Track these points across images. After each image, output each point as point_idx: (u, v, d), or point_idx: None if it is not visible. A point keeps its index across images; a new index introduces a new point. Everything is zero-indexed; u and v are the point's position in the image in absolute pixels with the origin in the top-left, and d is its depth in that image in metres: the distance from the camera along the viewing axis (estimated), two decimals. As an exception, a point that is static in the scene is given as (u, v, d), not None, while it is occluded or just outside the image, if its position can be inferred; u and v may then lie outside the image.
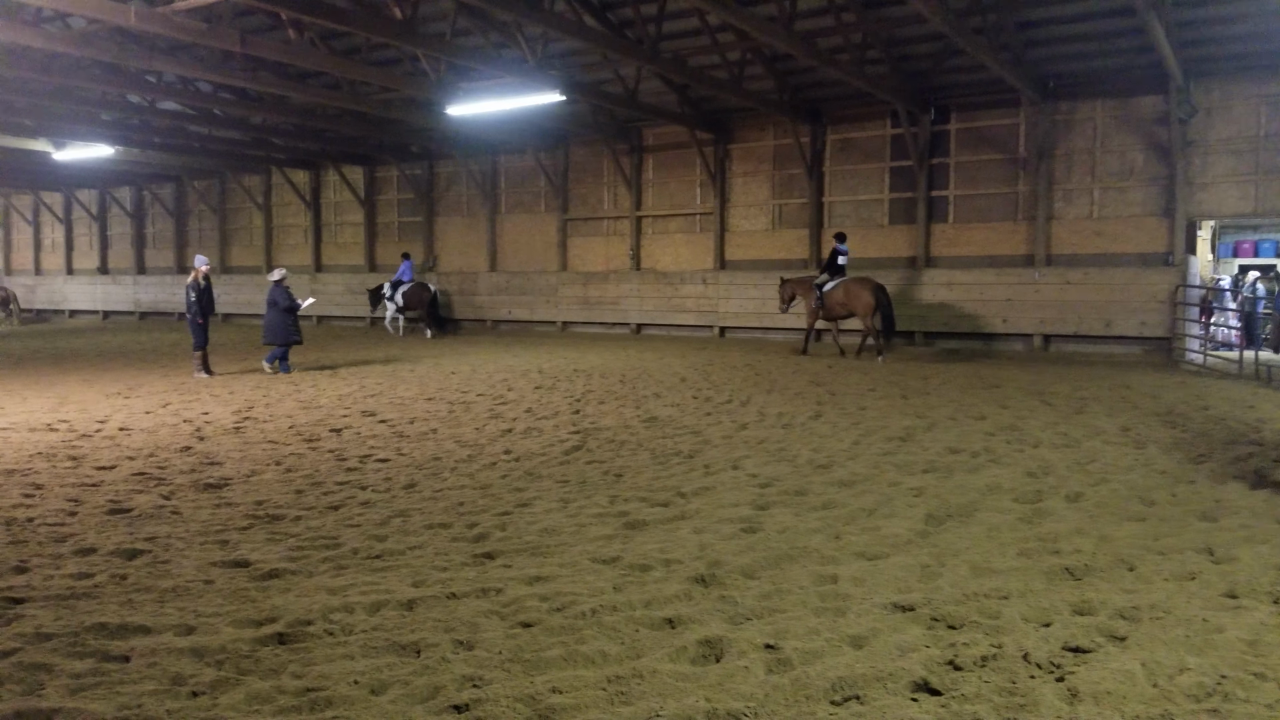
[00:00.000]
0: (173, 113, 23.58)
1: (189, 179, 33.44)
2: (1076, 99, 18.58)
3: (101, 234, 37.47)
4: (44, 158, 27.38)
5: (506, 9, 14.22)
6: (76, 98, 21.29)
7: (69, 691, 3.54)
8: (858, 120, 21.17)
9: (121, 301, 36.01)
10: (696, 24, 18.02)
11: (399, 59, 20.76)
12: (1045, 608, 4.36)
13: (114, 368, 16.32)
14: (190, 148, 27.14)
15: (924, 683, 3.59)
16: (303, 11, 14.33)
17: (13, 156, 28.23)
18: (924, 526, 5.83)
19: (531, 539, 5.62)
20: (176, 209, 34.84)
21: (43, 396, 12.25)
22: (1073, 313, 18.35)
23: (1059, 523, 5.88)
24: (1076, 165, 18.80)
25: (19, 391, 12.81)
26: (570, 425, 9.94)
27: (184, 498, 6.74)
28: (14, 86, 19.67)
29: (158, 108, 23.51)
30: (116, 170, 31.60)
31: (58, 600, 4.52)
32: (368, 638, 4.05)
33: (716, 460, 8.01)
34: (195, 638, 4.05)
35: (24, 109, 22.19)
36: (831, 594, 4.58)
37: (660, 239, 24.36)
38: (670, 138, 23.75)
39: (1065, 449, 8.45)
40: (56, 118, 23.07)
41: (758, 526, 5.85)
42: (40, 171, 31.96)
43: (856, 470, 7.54)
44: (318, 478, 7.42)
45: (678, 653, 3.88)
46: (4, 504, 6.47)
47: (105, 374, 15.21)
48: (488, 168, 26.97)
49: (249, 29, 18.45)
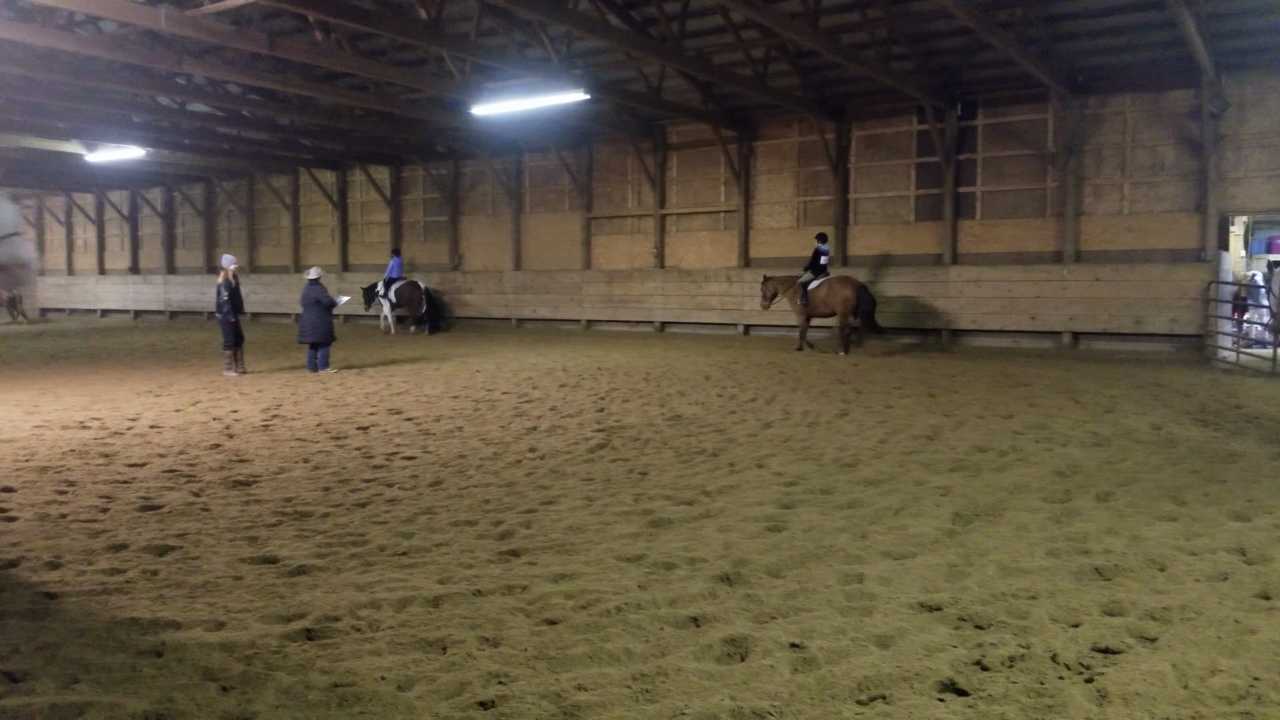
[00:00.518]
0: (202, 114, 23.84)
1: (218, 180, 33.80)
2: (1106, 93, 18.35)
3: (132, 234, 37.97)
4: (76, 159, 27.76)
5: (530, 9, 14.25)
6: (108, 100, 21.58)
7: (102, 686, 3.59)
8: (883, 116, 21.03)
9: (152, 301, 36.46)
10: (720, 21, 17.98)
11: (425, 59, 20.87)
12: (1074, 608, 4.32)
13: (145, 366, 16.54)
14: (219, 149, 27.43)
15: (951, 683, 3.57)
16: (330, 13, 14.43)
17: (46, 159, 28.66)
18: (951, 526, 5.78)
19: (556, 536, 5.64)
20: (206, 209, 35.22)
21: (76, 394, 12.44)
22: (1103, 310, 18.13)
23: (1088, 522, 5.82)
24: (1106, 160, 18.58)
25: (53, 390, 13.01)
26: (595, 423, 9.96)
27: (214, 494, 6.82)
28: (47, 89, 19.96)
29: (187, 109, 23.79)
30: (147, 171, 31.99)
31: (90, 595, 4.59)
32: (394, 634, 4.08)
33: (741, 458, 8.00)
34: (225, 633, 4.10)
35: (57, 112, 22.51)
36: (857, 593, 4.56)
37: (684, 237, 24.34)
38: (694, 135, 23.71)
39: (1095, 448, 8.36)
40: (88, 120, 23.40)
41: (783, 525, 5.83)
42: (73, 173, 32.42)
43: (883, 469, 7.50)
44: (345, 475, 7.48)
45: (702, 651, 3.88)
46: (38, 500, 6.58)
47: (136, 372, 15.41)
48: (512, 167, 27.05)
49: (277, 31, 18.61)
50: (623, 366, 15.82)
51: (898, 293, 20.33)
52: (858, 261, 21.27)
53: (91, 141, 25.42)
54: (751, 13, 14.00)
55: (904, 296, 20.28)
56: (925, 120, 19.83)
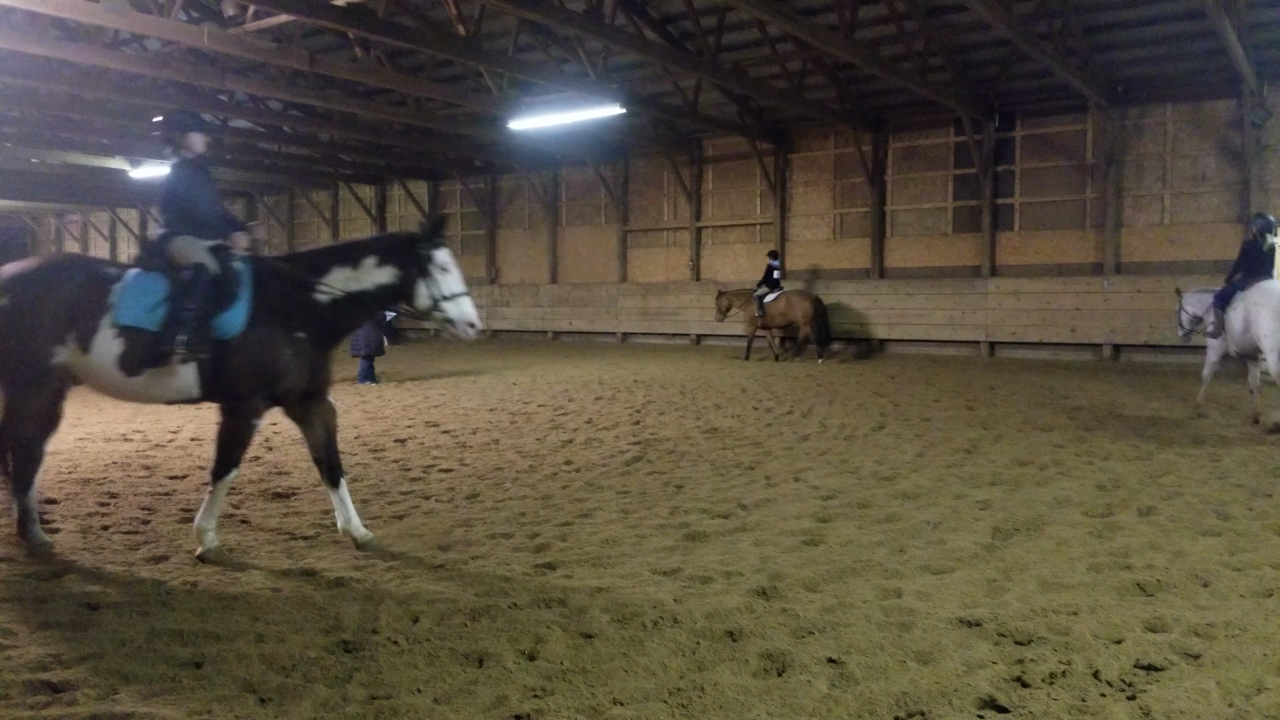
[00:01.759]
0: (244, 130, 24.30)
1: (259, 195, 34.37)
2: (1146, 103, 18.13)
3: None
4: (121, 176, 28.40)
5: (568, 24, 14.38)
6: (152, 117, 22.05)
7: (142, 696, 3.63)
8: (921, 128, 20.92)
9: (195, 315, 36.99)
10: (756, 35, 18.01)
11: (463, 75, 21.10)
12: (1116, 624, 4.24)
13: (187, 379, 16.76)
14: (260, 164, 27.91)
15: (991, 700, 3.51)
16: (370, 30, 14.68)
17: (92, 175, 29.33)
18: (991, 540, 5.71)
19: (593, 550, 5.64)
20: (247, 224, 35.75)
21: (118, 407, 12.65)
22: (1144, 322, 17.83)
23: (1131, 537, 5.71)
24: (1147, 171, 18.33)
25: (95, 403, 13.25)
26: (630, 436, 9.96)
27: (253, 506, 6.91)
28: (93, 107, 20.47)
29: (229, 126, 24.24)
30: (190, 187, 32.53)
31: (131, 606, 4.65)
32: (432, 646, 4.10)
33: (778, 472, 7.95)
34: (264, 645, 4.13)
35: (102, 128, 23.06)
36: (896, 608, 4.51)
37: (720, 249, 24.33)
38: (730, 148, 23.73)
39: (1137, 461, 8.21)
40: (133, 137, 23.94)
41: (820, 539, 5.79)
42: (117, 189, 33.11)
43: (921, 482, 7.42)
44: (383, 487, 7.54)
45: (740, 666, 3.85)
46: (81, 512, 6.70)
47: (179, 385, 15.63)
48: (549, 181, 27.23)
49: (317, 48, 18.92)
50: (658, 379, 15.82)
51: (935, 305, 20.15)
52: (895, 274, 21.14)
53: (136, 158, 25.99)
54: (788, 26, 14.02)
55: (941, 309, 20.10)
56: (963, 132, 19.69)
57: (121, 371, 5.27)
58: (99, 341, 5.24)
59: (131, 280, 5.34)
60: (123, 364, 5.26)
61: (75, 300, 5.23)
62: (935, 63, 18.12)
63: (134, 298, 5.27)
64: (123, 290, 5.28)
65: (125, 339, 5.24)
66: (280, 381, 5.46)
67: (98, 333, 5.23)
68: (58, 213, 42.30)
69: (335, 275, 5.50)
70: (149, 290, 5.30)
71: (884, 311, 20.73)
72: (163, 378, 5.31)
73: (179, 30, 14.13)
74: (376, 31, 14.79)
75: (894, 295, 20.58)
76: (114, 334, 5.24)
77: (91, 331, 5.23)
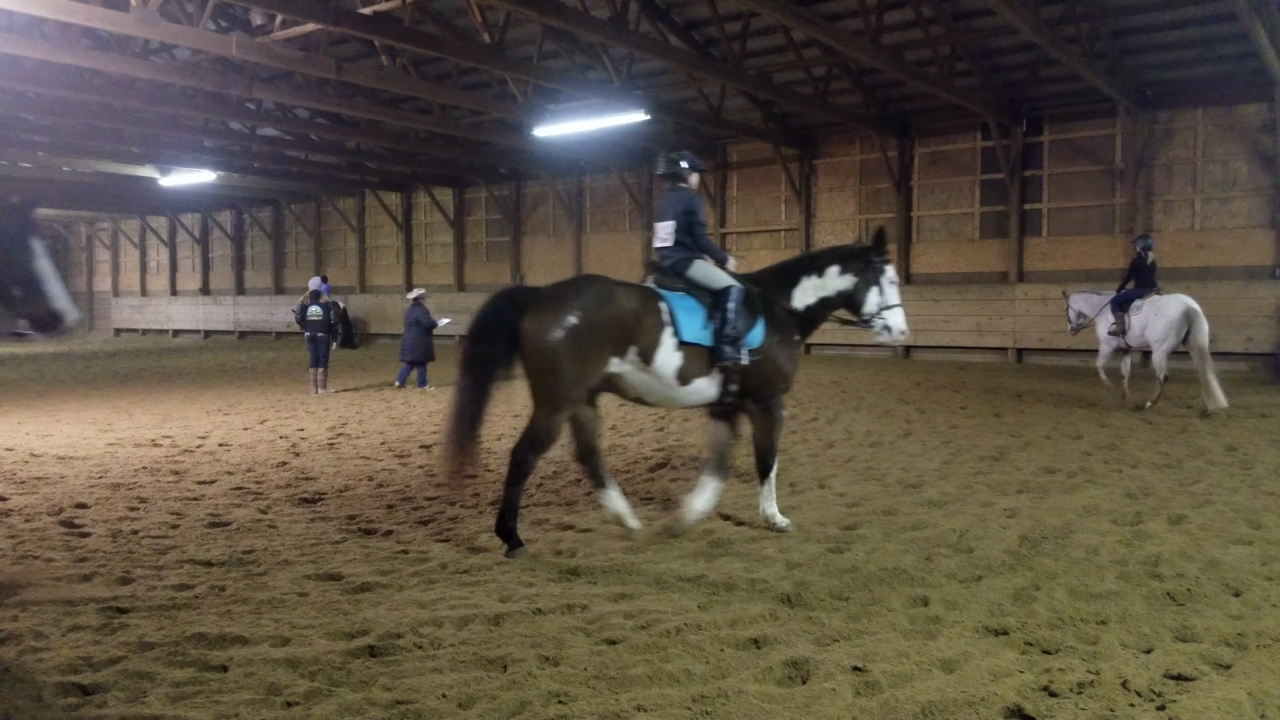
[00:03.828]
0: (271, 138, 24.54)
1: (286, 202, 34.71)
2: (1176, 108, 17.92)
3: (203, 256, 39.14)
4: (151, 184, 28.80)
5: (593, 31, 14.43)
6: (181, 126, 22.34)
7: (170, 699, 3.67)
8: (947, 133, 20.79)
9: (222, 321, 37.48)
10: (781, 41, 17.98)
11: (488, 82, 21.22)
12: (1146, 633, 4.18)
13: (214, 385, 16.98)
14: (288, 172, 28.19)
15: (1018, 709, 3.47)
16: (395, 38, 14.78)
17: (122, 183, 29.77)
18: (1018, 549, 5.64)
19: (616, 556, 5.63)
20: (274, 231, 36.16)
21: (148, 413, 12.82)
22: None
23: (1160, 545, 5.63)
24: (1177, 176, 18.11)
25: (126, 409, 13.43)
26: (655, 442, 9.95)
27: (280, 511, 6.96)
28: (123, 116, 20.74)
29: (257, 134, 24.52)
30: (218, 195, 33.00)
31: (160, 610, 4.70)
32: (456, 652, 4.11)
33: (803, 478, 7.92)
34: (290, 649, 4.16)
35: (132, 137, 23.36)
36: (922, 617, 4.47)
37: (744, 255, 24.27)
38: (755, 154, 23.70)
39: (1167, 469, 8.10)
40: (162, 145, 24.25)
41: (845, 547, 5.75)
42: (147, 197, 33.57)
43: (947, 490, 7.36)
44: (408, 493, 7.58)
45: (763, 673, 3.83)
46: (111, 516, 6.77)
47: (206, 392, 15.84)
48: (573, 188, 27.31)
49: (344, 56, 19.10)
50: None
51: (962, 311, 20.00)
52: (921, 280, 21.00)
53: (165, 166, 26.33)
54: (813, 31, 13.99)
55: (968, 315, 19.94)
56: (990, 136, 19.56)
57: (678, 382, 5.90)
58: (661, 355, 5.81)
59: (676, 301, 5.98)
60: (680, 376, 5.90)
61: (635, 318, 5.75)
62: (961, 67, 18.02)
63: (686, 317, 5.91)
64: (673, 310, 5.91)
65: (684, 353, 5.87)
66: (792, 381, 6.35)
67: (660, 348, 5.80)
68: (89, 220, 42.90)
69: (806, 284, 6.38)
70: (693, 310, 5.97)
71: (910, 318, 20.47)
72: (702, 387, 6.00)
73: (208, 39, 14.30)
74: (402, 39, 14.90)
75: (920, 301, 20.42)
76: (674, 348, 5.84)
77: (654, 347, 5.78)
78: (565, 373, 5.57)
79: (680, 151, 6.44)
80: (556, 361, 5.55)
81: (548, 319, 5.57)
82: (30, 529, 6.41)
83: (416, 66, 20.44)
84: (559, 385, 5.61)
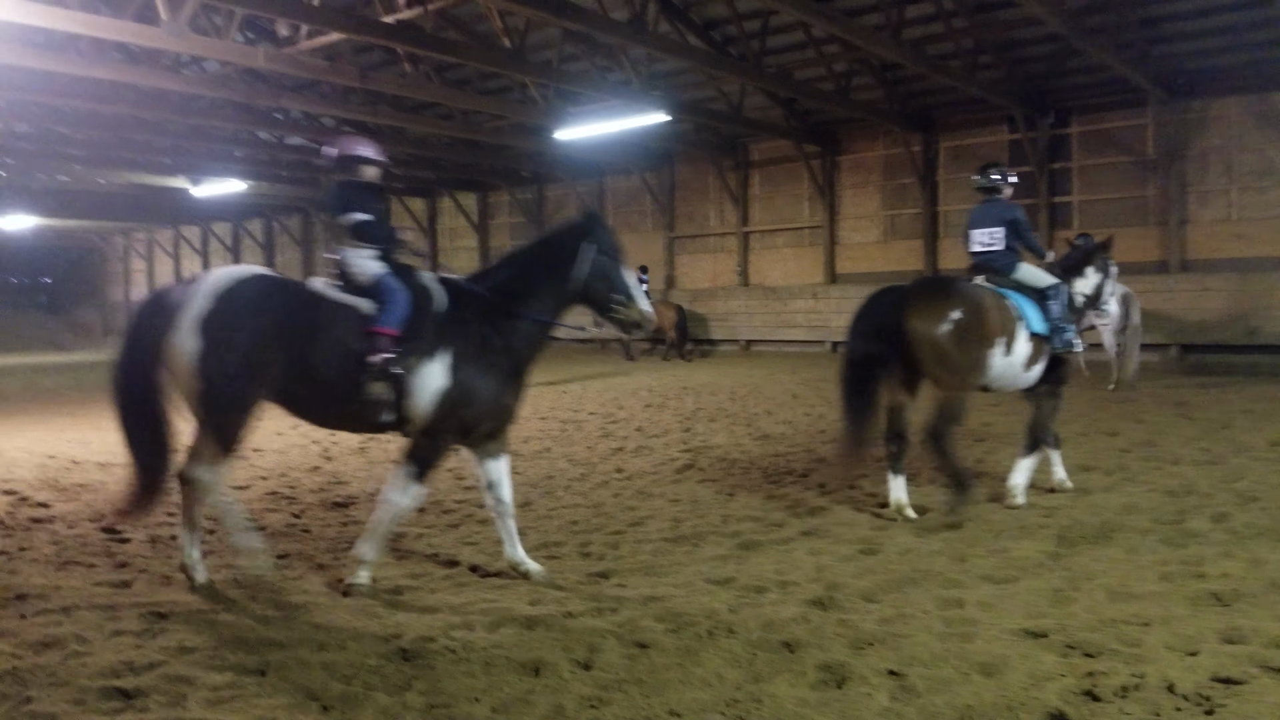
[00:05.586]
0: (298, 147, 24.77)
1: (314, 210, 35.03)
2: (1209, 96, 17.63)
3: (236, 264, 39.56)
4: (182, 194, 29.19)
5: (612, 34, 14.43)
6: (211, 136, 22.62)
7: (209, 703, 3.70)
8: (972, 127, 20.61)
9: (253, 328, 37.77)
10: (801, 37, 17.90)
11: (509, 87, 21.29)
12: (1191, 635, 4.10)
13: (247, 391, 17.10)
14: (315, 180, 28.44)
15: (1060, 714, 3.42)
16: (418, 46, 14.87)
17: (155, 194, 30.18)
18: (1055, 548, 5.56)
19: (645, 558, 5.62)
20: (303, 239, 36.50)
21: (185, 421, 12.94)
22: (1212, 321, 17.32)
23: (1204, 545, 5.53)
24: (1211, 165, 17.83)
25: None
26: (681, 443, 9.93)
27: (313, 516, 7.01)
28: (155, 128, 21.03)
29: (285, 143, 24.74)
30: (248, 204, 33.36)
31: (198, 615, 4.74)
32: (488, 655, 4.11)
33: (832, 479, 7.86)
34: (325, 653, 4.18)
35: (164, 148, 23.68)
36: (957, 619, 4.41)
37: (768, 254, 24.20)
38: (776, 151, 23.61)
39: (1208, 466, 7.96)
40: (193, 156, 24.56)
41: (877, 548, 5.70)
42: (179, 207, 34.00)
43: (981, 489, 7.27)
44: (437, 496, 7.59)
45: (797, 677, 3.80)
46: (150, 521, 6.84)
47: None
48: (595, 189, 27.34)
49: (367, 65, 19.24)
50: (708, 386, 15.76)
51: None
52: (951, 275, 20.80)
53: (196, 176, 26.66)
54: (833, 27, 13.93)
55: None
56: (1016, 129, 19.35)
57: (1025, 368, 6.74)
58: (1019, 345, 6.63)
59: (1018, 298, 6.79)
60: (1028, 362, 6.72)
61: (1002, 313, 6.59)
62: (985, 60, 17.85)
63: (1031, 311, 6.76)
64: (1019, 306, 6.72)
65: (1033, 344, 6.71)
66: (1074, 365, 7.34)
67: (1018, 338, 6.62)
68: (124, 231, 43.53)
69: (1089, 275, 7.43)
70: (1032, 306, 6.80)
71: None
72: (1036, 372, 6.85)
73: (236, 52, 14.46)
74: (425, 46, 14.99)
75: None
76: (1027, 339, 6.68)
77: (1014, 337, 6.61)
78: (957, 359, 6.36)
79: (997, 167, 7.31)
80: (946, 351, 6.34)
81: (935, 316, 6.37)
82: (73, 535, 6.49)
83: (438, 73, 20.55)
84: (953, 370, 6.41)
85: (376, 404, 5.00)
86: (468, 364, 5.03)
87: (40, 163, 24.91)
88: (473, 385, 5.02)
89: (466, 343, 5.07)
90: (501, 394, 5.15)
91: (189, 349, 4.93)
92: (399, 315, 5.01)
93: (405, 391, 4.99)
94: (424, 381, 4.98)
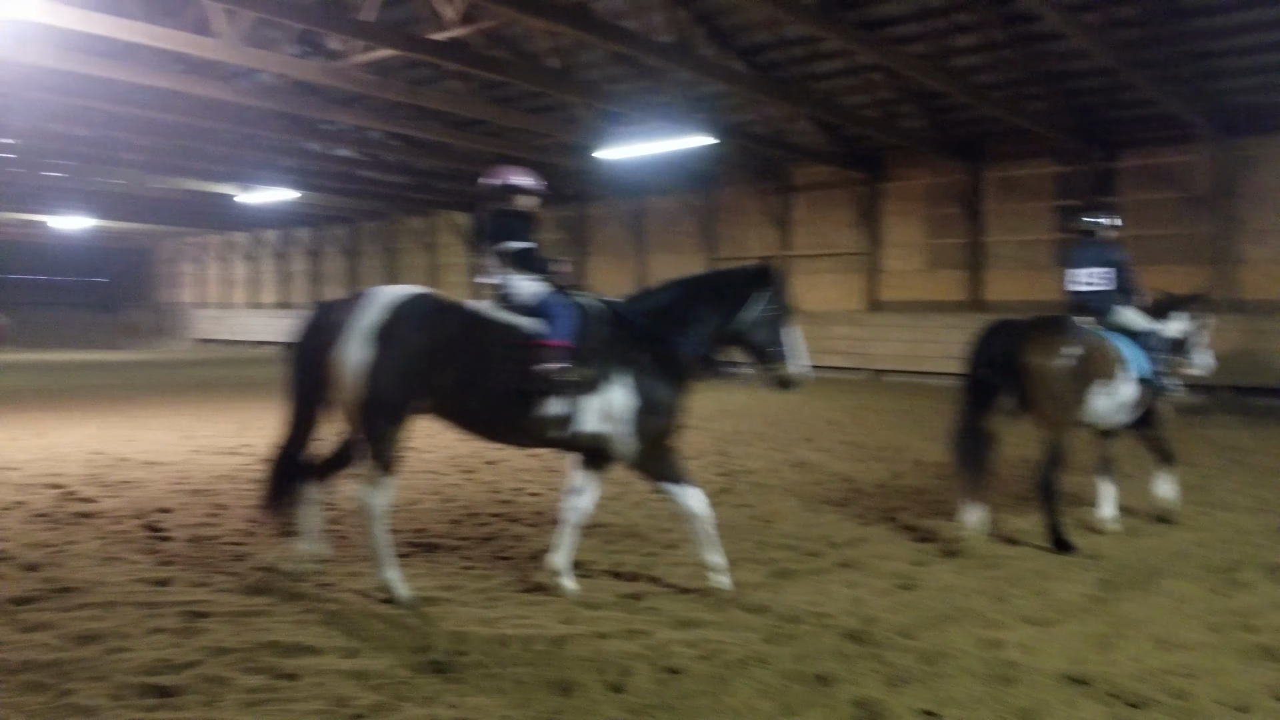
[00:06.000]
0: (345, 159, 25.15)
1: (360, 220, 35.50)
2: (1263, 133, 17.33)
3: (282, 271, 40.20)
4: (232, 201, 29.76)
5: (659, 57, 14.51)
6: (261, 146, 23.03)
7: (243, 705, 3.73)
8: (1018, 157, 20.41)
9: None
10: (846, 64, 17.87)
11: (553, 106, 21.46)
12: (1240, 690, 3.99)
13: (287, 397, 17.31)
14: (361, 191, 28.84)
15: (1102, 763, 3.33)
16: (467, 63, 15.05)
17: (206, 200, 30.81)
18: (1099, 593, 5.45)
19: (678, 581, 5.58)
20: (349, 248, 37.00)
21: (229, 422, 13.13)
22: (1266, 363, 16.93)
23: (1255, 596, 5.38)
24: (1266, 204, 17.49)
25: (208, 417, 13.78)
26: (716, 467, 9.87)
27: (350, 523, 7.04)
28: (208, 136, 21.48)
29: (333, 154, 25.12)
30: (295, 212, 33.90)
31: (235, 616, 4.78)
32: (519, 672, 4.10)
33: (870, 510, 7.77)
34: (357, 661, 4.20)
35: (216, 156, 24.15)
36: (996, 660, 4.33)
37: (809, 279, 24.07)
38: (819, 177, 23.54)
39: (1262, 514, 7.75)
40: (243, 164, 25.02)
41: (915, 583, 5.62)
42: (229, 214, 34.62)
43: (1022, 527, 7.14)
44: (473, 509, 7.62)
45: (830, 712, 3.75)
46: (191, 521, 6.94)
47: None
48: (636, 210, 27.42)
49: (416, 80, 19.51)
50: (744, 409, 15.68)
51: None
52: (995, 307, 20.55)
53: (246, 184, 27.16)
54: (878, 55, 13.89)
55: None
56: (1064, 162, 19.14)
57: (1127, 409, 6.97)
58: (1124, 386, 6.83)
59: (1121, 341, 6.95)
60: (1131, 403, 6.96)
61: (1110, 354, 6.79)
62: (1033, 91, 17.69)
63: (1134, 355, 6.94)
64: (1122, 348, 6.89)
65: (1133, 385, 6.90)
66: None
67: (1123, 380, 6.81)
68: (174, 235, 44.40)
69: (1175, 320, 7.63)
70: (1134, 349, 6.98)
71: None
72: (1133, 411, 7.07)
73: (292, 65, 14.73)
74: (473, 64, 15.16)
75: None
76: (1132, 381, 6.87)
77: (1119, 378, 6.79)
78: (1066, 396, 6.48)
79: (1100, 211, 7.51)
80: (1060, 386, 6.47)
81: (1052, 351, 6.51)
82: (116, 531, 6.61)
83: (485, 90, 20.78)
84: (1062, 406, 6.52)
85: (549, 419, 5.16)
86: (651, 381, 5.24)
87: (98, 166, 25.53)
88: (661, 401, 5.26)
89: (643, 361, 5.26)
90: (679, 412, 5.39)
91: (360, 358, 5.03)
92: (568, 329, 5.19)
93: (583, 407, 5.17)
94: (611, 398, 5.20)
